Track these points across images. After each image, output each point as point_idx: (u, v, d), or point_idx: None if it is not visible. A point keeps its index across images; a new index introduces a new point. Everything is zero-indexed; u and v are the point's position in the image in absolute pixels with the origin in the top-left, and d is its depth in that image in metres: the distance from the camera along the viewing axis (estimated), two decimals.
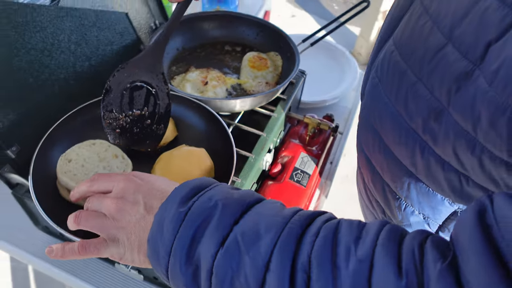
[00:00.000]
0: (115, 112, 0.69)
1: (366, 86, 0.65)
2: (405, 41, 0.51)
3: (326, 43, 1.30)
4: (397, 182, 0.59)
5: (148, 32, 1.00)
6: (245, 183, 0.74)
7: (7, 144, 0.68)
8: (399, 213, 0.63)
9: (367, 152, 0.66)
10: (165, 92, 0.70)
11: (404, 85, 0.51)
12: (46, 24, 0.73)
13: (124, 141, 0.70)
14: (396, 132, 0.54)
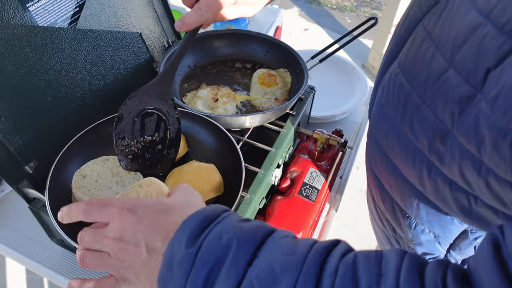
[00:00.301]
0: (127, 139, 0.71)
1: (373, 106, 0.66)
2: (409, 64, 0.52)
3: (336, 58, 1.31)
4: (406, 201, 0.60)
5: (161, 50, 1.03)
6: (254, 198, 0.75)
7: (25, 160, 0.72)
8: (410, 231, 0.63)
9: (375, 170, 0.66)
10: (175, 117, 0.73)
11: (409, 107, 0.52)
12: (64, 45, 0.76)
13: (136, 166, 0.73)
14: (403, 152, 0.55)
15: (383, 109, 0.59)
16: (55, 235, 0.83)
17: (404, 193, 0.59)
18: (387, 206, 0.66)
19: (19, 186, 0.71)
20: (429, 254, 0.64)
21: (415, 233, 0.62)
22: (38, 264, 0.84)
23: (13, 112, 0.69)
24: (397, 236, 0.69)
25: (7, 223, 0.90)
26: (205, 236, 0.40)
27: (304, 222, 0.79)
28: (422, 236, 0.62)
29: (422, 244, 0.63)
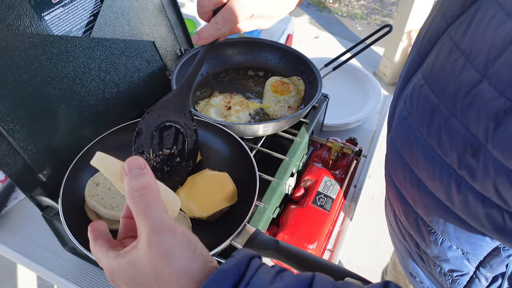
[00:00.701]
0: (146, 153, 0.70)
1: (394, 118, 0.64)
2: (436, 76, 0.51)
3: (349, 65, 1.30)
4: (432, 216, 0.57)
5: (174, 58, 1.03)
6: (268, 207, 0.74)
7: (39, 168, 0.72)
8: (435, 247, 0.61)
9: (397, 184, 0.64)
10: (192, 129, 0.73)
11: (437, 119, 0.50)
12: (79, 54, 0.77)
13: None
14: (430, 166, 0.53)
15: (406, 121, 0.58)
16: (67, 243, 0.83)
17: (429, 208, 0.57)
18: (410, 220, 0.64)
19: (32, 193, 0.71)
20: (456, 271, 0.61)
21: (442, 249, 0.60)
22: (49, 272, 0.84)
23: (27, 120, 0.69)
24: (421, 251, 0.66)
25: (20, 230, 0.91)
26: None
27: (318, 232, 0.78)
28: (450, 252, 0.59)
29: (449, 261, 0.60)
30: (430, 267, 0.66)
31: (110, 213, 0.66)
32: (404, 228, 0.68)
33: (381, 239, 2.13)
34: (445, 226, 0.56)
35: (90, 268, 0.83)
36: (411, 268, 0.74)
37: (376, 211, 2.24)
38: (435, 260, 0.63)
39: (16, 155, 0.68)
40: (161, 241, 0.35)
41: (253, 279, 0.35)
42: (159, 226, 0.35)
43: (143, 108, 0.93)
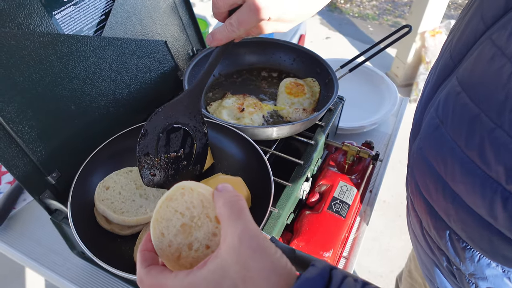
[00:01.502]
0: (150, 155, 0.68)
1: (422, 126, 0.60)
2: (476, 83, 0.47)
3: (363, 67, 1.27)
4: (469, 232, 0.53)
5: (186, 59, 1.01)
6: (282, 213, 0.71)
7: (47, 170, 0.70)
8: (471, 264, 0.57)
9: (427, 196, 0.60)
10: (202, 132, 0.69)
11: (477, 130, 0.46)
12: (89, 53, 0.75)
13: (158, 183, 0.69)
14: (468, 179, 0.49)
15: (438, 131, 0.54)
16: (76, 247, 0.81)
17: (467, 224, 0.53)
18: (441, 235, 0.60)
19: (41, 196, 0.70)
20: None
21: (479, 266, 0.56)
22: (57, 276, 0.82)
23: (37, 121, 0.67)
24: (453, 267, 0.62)
25: (27, 233, 0.89)
26: None
27: (334, 239, 0.75)
28: (488, 270, 0.56)
29: (487, 279, 0.57)
30: (463, 284, 0.62)
31: (120, 218, 0.63)
32: (433, 242, 0.64)
33: (393, 244, 2.09)
34: (485, 243, 0.52)
35: (99, 273, 0.81)
36: (438, 282, 0.70)
37: (387, 215, 2.20)
38: (470, 277, 0.59)
39: (24, 157, 0.66)
40: (252, 238, 0.36)
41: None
42: (250, 226, 0.37)
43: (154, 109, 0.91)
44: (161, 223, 0.41)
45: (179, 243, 0.41)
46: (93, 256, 0.58)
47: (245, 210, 0.38)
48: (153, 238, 0.41)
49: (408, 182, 0.71)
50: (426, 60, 2.86)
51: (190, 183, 0.43)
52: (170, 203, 0.42)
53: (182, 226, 0.41)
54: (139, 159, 0.67)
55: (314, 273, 0.35)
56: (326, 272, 0.36)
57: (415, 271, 1.07)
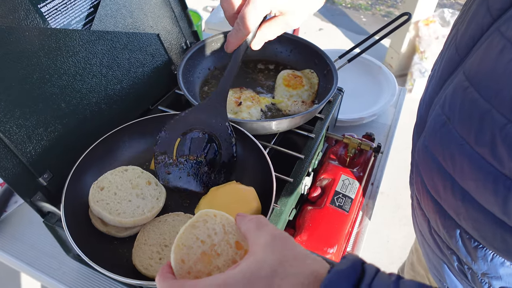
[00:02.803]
0: (168, 153, 0.68)
1: (427, 123, 0.58)
2: (485, 78, 0.45)
3: (360, 57, 1.24)
4: (481, 231, 0.51)
5: (179, 52, 0.98)
6: (284, 209, 0.69)
7: (38, 171, 0.67)
8: (484, 263, 0.55)
9: (434, 194, 0.58)
10: (230, 142, 0.68)
11: (488, 126, 0.44)
12: (78, 48, 0.72)
13: (174, 183, 0.69)
14: (479, 177, 0.47)
15: (445, 128, 0.52)
16: (71, 250, 0.78)
17: (478, 222, 0.51)
18: (451, 234, 0.57)
19: (32, 199, 0.67)
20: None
21: (492, 265, 0.54)
22: (53, 281, 0.79)
23: (26, 121, 0.64)
24: (464, 267, 0.60)
25: (20, 237, 0.86)
26: None
27: (338, 235, 0.73)
28: (502, 269, 0.54)
29: (501, 278, 0.55)
30: (475, 283, 0.60)
31: (116, 219, 0.61)
32: (442, 242, 0.62)
33: (392, 235, 2.08)
34: (498, 242, 0.50)
35: (95, 276, 0.78)
36: (448, 282, 0.68)
37: (386, 206, 2.19)
38: (483, 277, 0.57)
39: (13, 158, 0.63)
40: (282, 233, 0.39)
41: (374, 282, 0.34)
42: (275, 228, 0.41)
43: (148, 105, 0.88)
44: (182, 249, 0.42)
45: (199, 271, 0.42)
46: (89, 261, 0.55)
47: (268, 221, 0.42)
48: (173, 264, 0.42)
49: (413, 180, 0.69)
50: (420, 49, 2.85)
51: (214, 210, 0.45)
52: (193, 230, 0.43)
53: (202, 254, 0.42)
54: (156, 155, 0.68)
55: (346, 265, 0.35)
56: (358, 265, 0.36)
57: (418, 264, 1.06)
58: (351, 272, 0.34)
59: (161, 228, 0.63)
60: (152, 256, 0.60)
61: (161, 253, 0.60)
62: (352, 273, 0.34)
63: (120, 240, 0.64)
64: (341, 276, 0.34)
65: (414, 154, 0.67)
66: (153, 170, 0.72)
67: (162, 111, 0.86)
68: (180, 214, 0.65)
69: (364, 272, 0.35)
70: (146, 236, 0.62)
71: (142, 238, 0.62)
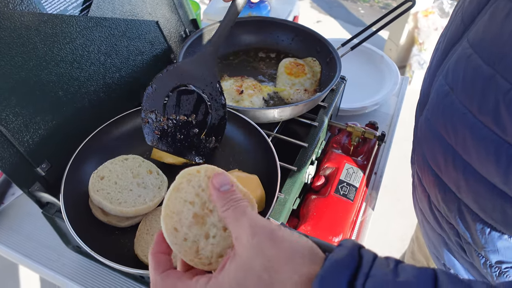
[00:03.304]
0: (157, 112, 0.63)
1: (430, 96, 0.57)
2: (490, 44, 0.44)
3: (362, 46, 1.22)
4: (481, 203, 0.51)
5: (179, 40, 0.96)
6: (288, 198, 0.68)
7: (36, 161, 0.65)
8: (482, 237, 0.55)
9: (435, 169, 0.58)
10: (220, 103, 0.65)
11: (492, 93, 0.44)
12: (76, 35, 0.70)
13: (164, 145, 0.65)
14: (481, 147, 0.47)
15: (448, 98, 0.51)
16: (71, 241, 0.77)
17: (479, 194, 0.51)
18: (451, 208, 0.58)
19: (30, 189, 0.65)
20: (506, 263, 0.56)
21: (490, 239, 0.54)
22: (52, 272, 0.78)
23: (22, 109, 0.62)
24: (462, 242, 0.60)
25: (19, 229, 0.84)
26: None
27: (343, 224, 0.72)
28: (500, 242, 0.54)
29: (498, 251, 0.55)
30: (472, 258, 0.60)
31: (117, 209, 0.59)
32: (442, 217, 0.62)
33: (391, 227, 2.08)
34: (498, 214, 0.50)
35: (96, 268, 0.77)
36: (446, 259, 0.69)
37: (385, 199, 2.18)
38: (480, 251, 0.57)
39: (10, 147, 0.61)
40: (264, 228, 0.34)
41: (373, 270, 0.31)
42: (257, 219, 0.35)
43: None
44: (172, 217, 0.38)
45: (195, 235, 0.38)
46: (90, 251, 0.54)
47: (248, 208, 0.37)
48: (167, 235, 0.38)
49: (414, 159, 0.69)
50: (419, 41, 2.83)
51: (196, 167, 0.40)
52: (178, 194, 0.39)
53: (194, 217, 0.38)
54: (143, 114, 0.64)
55: (343, 253, 0.32)
56: (355, 251, 0.33)
57: (419, 252, 1.05)
58: (348, 261, 0.32)
59: None
60: None
61: None
62: (349, 262, 0.32)
63: (121, 230, 0.63)
64: (337, 267, 0.32)
65: (416, 132, 0.66)
66: (154, 159, 0.71)
67: None
68: None
69: (362, 260, 0.33)
70: (148, 226, 0.61)
71: (144, 228, 0.61)
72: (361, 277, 0.30)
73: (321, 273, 0.31)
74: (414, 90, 2.76)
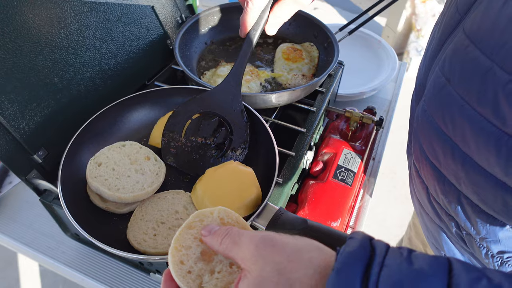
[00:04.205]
0: (176, 133, 0.67)
1: (426, 87, 0.56)
2: (487, 34, 0.43)
3: (359, 31, 1.22)
4: (481, 194, 0.51)
5: (175, 26, 0.95)
6: (287, 183, 0.68)
7: (33, 148, 0.65)
8: (483, 228, 0.55)
9: (434, 160, 0.57)
10: (243, 128, 0.67)
11: (491, 84, 0.43)
12: (70, 20, 0.69)
13: (178, 162, 0.67)
14: (481, 139, 0.46)
15: (445, 90, 0.50)
16: (69, 229, 0.77)
17: (479, 186, 0.50)
18: (451, 200, 0.57)
19: (28, 177, 0.65)
20: (508, 252, 0.56)
21: (491, 229, 0.54)
22: (52, 260, 0.78)
23: (17, 95, 0.61)
24: (463, 232, 0.60)
25: (17, 218, 0.84)
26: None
27: (341, 208, 0.72)
28: (501, 232, 0.53)
29: (500, 241, 0.54)
30: (473, 249, 0.60)
31: (115, 195, 0.59)
32: (441, 208, 0.62)
33: (389, 213, 2.09)
34: (499, 205, 0.49)
35: (95, 255, 0.77)
36: (445, 249, 0.68)
37: (382, 185, 2.20)
38: (481, 241, 0.57)
39: (6, 134, 0.61)
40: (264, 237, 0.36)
41: (387, 260, 0.32)
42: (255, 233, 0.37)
43: (144, 81, 0.86)
44: (180, 251, 0.41)
45: (200, 269, 0.41)
46: (89, 237, 0.53)
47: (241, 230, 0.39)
48: (172, 267, 0.41)
49: (411, 150, 0.68)
50: (417, 27, 2.81)
51: (209, 208, 0.44)
52: (190, 231, 0.43)
53: (202, 253, 0.41)
54: (163, 134, 0.67)
55: (355, 246, 0.33)
56: (366, 243, 0.33)
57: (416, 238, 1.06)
58: (361, 253, 0.32)
59: (159, 205, 0.62)
60: (147, 231, 0.58)
61: (157, 229, 0.58)
62: (362, 254, 0.32)
63: (119, 217, 0.63)
64: (351, 260, 0.32)
65: (412, 122, 0.66)
66: (151, 145, 0.70)
67: (158, 87, 0.84)
68: (180, 192, 0.63)
69: (374, 250, 0.33)
70: (143, 212, 0.61)
71: (139, 214, 0.60)
72: (375, 267, 0.31)
73: (336, 266, 0.32)
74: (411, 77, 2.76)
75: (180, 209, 0.60)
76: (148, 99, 0.74)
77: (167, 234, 0.58)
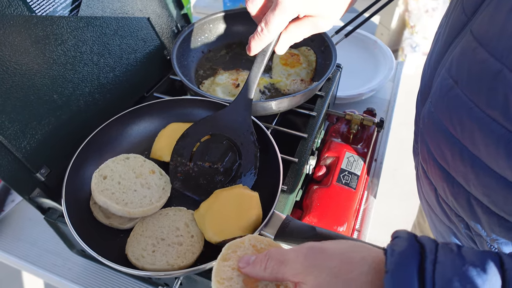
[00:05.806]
0: (184, 157, 0.66)
1: (433, 89, 0.56)
2: (495, 36, 0.43)
3: (355, 33, 1.22)
4: (492, 196, 0.51)
5: (171, 36, 0.94)
6: (291, 190, 0.68)
7: (35, 166, 0.64)
8: (494, 229, 0.54)
9: (442, 162, 0.57)
10: (252, 153, 0.65)
11: (501, 87, 0.42)
12: (67, 36, 0.68)
13: (184, 187, 0.66)
14: (490, 141, 0.46)
15: (453, 92, 0.50)
16: (75, 245, 0.77)
17: (489, 187, 0.50)
18: (460, 201, 0.57)
19: (31, 196, 0.64)
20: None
21: (502, 231, 0.53)
22: (58, 278, 0.77)
23: (18, 114, 0.61)
24: (473, 234, 0.60)
25: (21, 236, 0.84)
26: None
27: (347, 213, 0.72)
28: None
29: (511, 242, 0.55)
30: (483, 249, 0.60)
31: (124, 210, 0.58)
32: (450, 210, 0.61)
33: (392, 211, 2.09)
34: (510, 206, 0.49)
35: (102, 270, 0.77)
36: None
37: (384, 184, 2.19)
38: (492, 242, 0.57)
39: (8, 154, 0.60)
40: (310, 248, 0.38)
41: (439, 257, 0.32)
42: (298, 247, 0.39)
43: (143, 93, 0.85)
44: (222, 284, 0.42)
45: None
46: (96, 255, 0.53)
47: (280, 248, 0.41)
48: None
49: (418, 150, 0.68)
50: (410, 24, 2.82)
51: (239, 239, 0.46)
52: (226, 263, 0.44)
53: (244, 282, 0.42)
54: (171, 157, 0.66)
55: (404, 245, 0.34)
56: (413, 241, 0.34)
57: None
58: (412, 252, 0.33)
59: (160, 221, 0.61)
60: (146, 247, 0.57)
61: (156, 245, 0.58)
62: (414, 253, 0.33)
63: (125, 232, 0.62)
64: (403, 259, 0.33)
65: (418, 123, 0.65)
66: (153, 158, 0.70)
67: (157, 98, 0.83)
68: (183, 209, 0.62)
69: (424, 247, 0.33)
70: (144, 228, 0.60)
71: (140, 229, 0.60)
72: (429, 265, 0.31)
73: (389, 267, 0.32)
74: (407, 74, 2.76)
75: (181, 226, 0.60)
76: (148, 112, 0.73)
77: (166, 250, 0.57)
